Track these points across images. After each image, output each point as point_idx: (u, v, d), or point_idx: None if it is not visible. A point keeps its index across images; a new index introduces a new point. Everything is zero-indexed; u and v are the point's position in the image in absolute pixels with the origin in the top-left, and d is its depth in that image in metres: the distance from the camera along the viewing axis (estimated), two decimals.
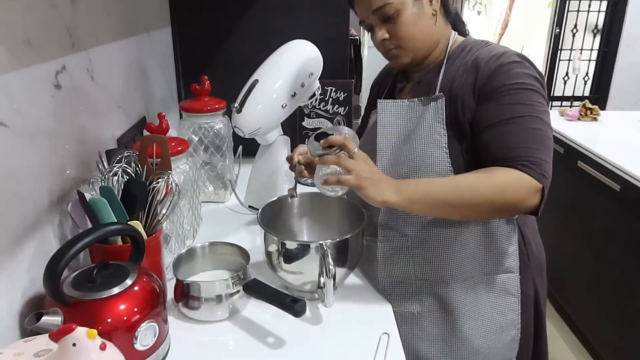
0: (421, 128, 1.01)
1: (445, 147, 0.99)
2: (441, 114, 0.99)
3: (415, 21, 1.00)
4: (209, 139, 1.44)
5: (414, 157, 1.01)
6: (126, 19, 1.33)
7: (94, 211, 0.91)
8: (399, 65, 1.08)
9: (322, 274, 0.96)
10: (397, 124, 1.05)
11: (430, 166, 1.00)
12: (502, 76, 0.95)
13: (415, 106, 1.03)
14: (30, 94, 0.87)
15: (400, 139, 1.04)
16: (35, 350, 0.68)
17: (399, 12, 0.99)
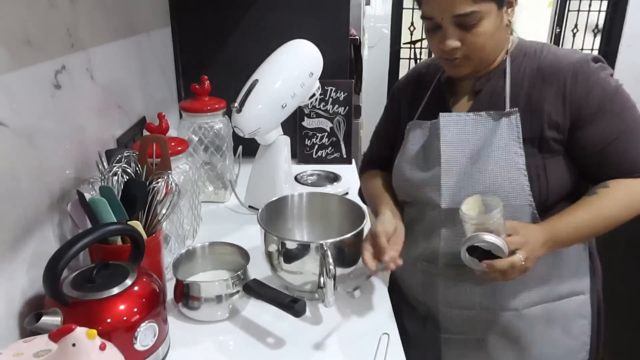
0: (493, 147, 0.93)
1: (523, 168, 0.92)
2: (517, 131, 0.92)
3: (493, 32, 0.92)
4: (209, 138, 1.44)
5: (489, 181, 0.93)
6: (126, 19, 1.32)
7: (94, 211, 0.90)
8: (457, 74, 0.99)
9: (322, 273, 0.96)
10: (463, 141, 0.96)
11: (510, 191, 0.92)
12: (597, 89, 0.90)
13: (482, 121, 0.95)
14: (30, 94, 0.86)
15: (465, 157, 0.96)
16: (35, 351, 0.68)
17: (481, 22, 0.89)
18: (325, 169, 1.69)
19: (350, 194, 1.54)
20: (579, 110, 0.90)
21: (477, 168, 0.94)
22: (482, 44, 0.92)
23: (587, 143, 0.92)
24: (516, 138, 0.92)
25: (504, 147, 0.93)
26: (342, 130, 1.77)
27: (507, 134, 0.93)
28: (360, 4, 2.94)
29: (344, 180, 1.60)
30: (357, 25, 2.69)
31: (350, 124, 1.77)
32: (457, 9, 0.88)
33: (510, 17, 0.95)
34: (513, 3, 0.94)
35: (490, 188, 0.93)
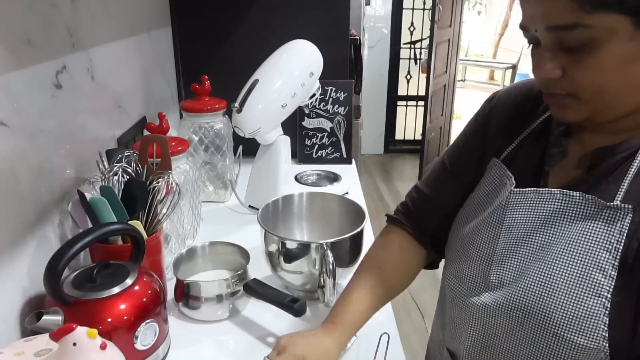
0: (573, 249, 0.63)
1: (607, 297, 0.59)
2: (617, 240, 0.59)
3: (622, 66, 0.57)
4: (209, 138, 1.44)
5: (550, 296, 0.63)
6: (126, 19, 1.33)
7: (94, 211, 0.91)
8: (561, 118, 0.66)
9: (322, 273, 0.96)
10: (534, 223, 0.67)
11: (574, 320, 0.61)
12: None
13: (572, 205, 0.64)
14: (31, 94, 0.87)
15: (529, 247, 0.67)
16: (36, 350, 0.68)
17: (596, 45, 0.56)
18: (325, 169, 1.70)
19: (350, 194, 1.54)
20: None
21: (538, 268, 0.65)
22: (598, 82, 0.58)
23: None
24: (612, 250, 0.60)
25: (589, 255, 0.61)
26: (342, 130, 1.77)
27: (601, 238, 0.61)
28: (360, 4, 2.94)
29: (344, 180, 1.60)
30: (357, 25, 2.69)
31: (351, 124, 1.77)
32: (551, 18, 0.57)
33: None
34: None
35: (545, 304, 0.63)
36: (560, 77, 0.60)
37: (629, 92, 0.59)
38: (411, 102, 4.98)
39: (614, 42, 0.55)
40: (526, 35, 0.64)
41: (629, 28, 0.54)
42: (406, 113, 5.02)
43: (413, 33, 4.76)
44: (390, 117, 4.99)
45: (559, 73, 0.60)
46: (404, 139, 5.12)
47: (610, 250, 0.60)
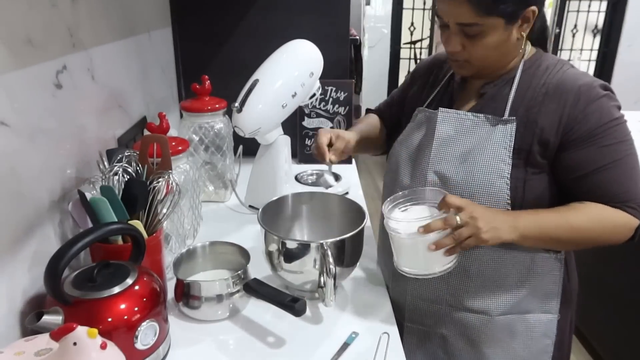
0: (483, 150, 0.94)
1: (507, 177, 0.92)
2: (509, 140, 0.92)
3: (497, 46, 0.92)
4: (210, 138, 1.44)
5: (471, 182, 0.94)
6: (127, 19, 1.33)
7: (95, 210, 0.91)
8: (459, 74, 1.02)
9: (323, 273, 0.96)
10: (456, 138, 0.98)
11: (488, 195, 0.93)
12: (595, 114, 0.89)
13: (479, 123, 0.96)
14: (31, 94, 0.87)
15: (455, 155, 0.97)
16: (36, 350, 0.68)
17: (483, 34, 0.90)
18: (325, 169, 1.69)
19: (351, 193, 1.54)
20: (571, 131, 0.90)
21: (463, 168, 0.95)
22: (483, 55, 0.93)
23: (569, 165, 0.91)
24: (507, 147, 0.92)
25: (494, 153, 0.93)
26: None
27: (500, 140, 0.93)
28: (360, 4, 2.95)
29: (344, 180, 1.60)
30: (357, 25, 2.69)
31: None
32: (460, 18, 0.89)
33: (525, 32, 0.93)
34: (530, 19, 0.91)
35: (471, 190, 0.93)
36: (461, 50, 0.94)
37: (499, 59, 0.96)
38: None
39: (494, 32, 0.90)
40: (439, 21, 0.96)
41: (503, 25, 0.89)
42: None
43: (413, 33, 4.76)
44: None
45: (460, 48, 0.93)
46: None
47: (506, 147, 0.93)
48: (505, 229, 0.87)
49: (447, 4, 0.90)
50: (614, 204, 0.90)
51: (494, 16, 0.87)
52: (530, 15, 0.90)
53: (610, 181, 0.90)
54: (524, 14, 0.90)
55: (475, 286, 0.99)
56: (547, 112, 0.91)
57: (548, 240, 0.93)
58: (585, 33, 4.21)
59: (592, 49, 4.19)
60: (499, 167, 0.92)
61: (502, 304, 1.00)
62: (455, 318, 1.03)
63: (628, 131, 0.93)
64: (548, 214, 0.91)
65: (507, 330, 1.01)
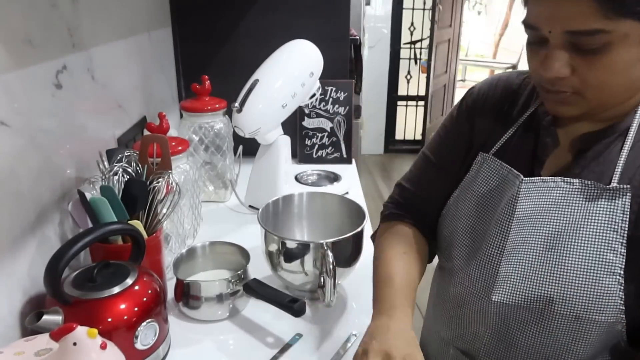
0: (581, 233, 0.67)
1: (620, 274, 0.65)
2: (621, 219, 0.64)
3: (628, 67, 0.61)
4: (210, 138, 1.44)
5: (564, 280, 0.67)
6: (127, 19, 1.33)
7: (95, 210, 0.91)
8: (560, 114, 0.70)
9: (323, 273, 0.96)
10: (541, 214, 0.70)
11: (593, 300, 0.65)
12: None
13: (574, 193, 0.68)
14: (31, 94, 0.87)
15: (539, 240, 0.70)
16: (36, 350, 0.68)
17: (610, 48, 0.59)
18: (325, 169, 1.70)
19: (350, 193, 1.54)
20: None
21: (551, 258, 0.68)
22: (604, 82, 0.62)
23: None
24: (618, 229, 0.64)
25: (598, 238, 0.66)
26: (342, 130, 1.77)
27: (605, 219, 0.65)
28: (360, 4, 2.95)
29: (344, 180, 1.60)
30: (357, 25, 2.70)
31: (351, 124, 1.77)
32: (574, 23, 0.59)
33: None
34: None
35: (564, 291, 0.67)
36: (568, 76, 0.63)
37: (627, 90, 0.65)
38: (411, 102, 4.98)
39: (625, 46, 0.59)
40: (532, 34, 0.65)
41: (639, 33, 0.58)
42: (406, 113, 5.02)
43: (413, 33, 4.76)
44: (390, 117, 4.99)
45: (568, 72, 0.62)
46: (404, 139, 5.12)
47: (617, 230, 0.64)
48: None
49: (554, 4, 0.60)
50: None
51: (629, 18, 0.57)
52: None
53: None
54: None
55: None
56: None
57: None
58: None
59: None
60: (607, 258, 0.65)
61: None
62: None
63: None
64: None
65: None
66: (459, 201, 0.81)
